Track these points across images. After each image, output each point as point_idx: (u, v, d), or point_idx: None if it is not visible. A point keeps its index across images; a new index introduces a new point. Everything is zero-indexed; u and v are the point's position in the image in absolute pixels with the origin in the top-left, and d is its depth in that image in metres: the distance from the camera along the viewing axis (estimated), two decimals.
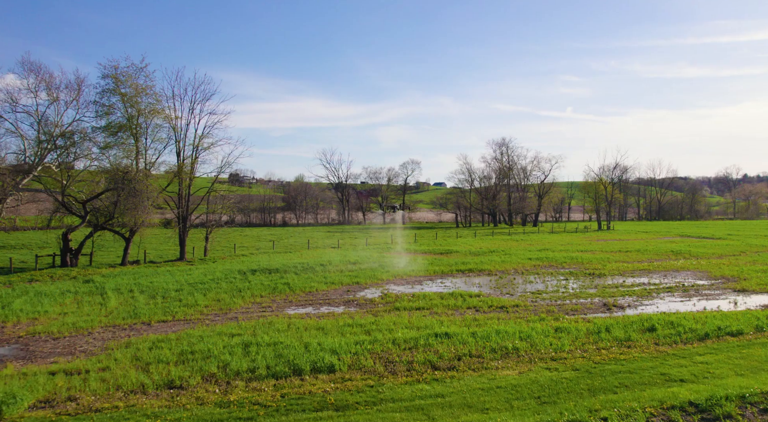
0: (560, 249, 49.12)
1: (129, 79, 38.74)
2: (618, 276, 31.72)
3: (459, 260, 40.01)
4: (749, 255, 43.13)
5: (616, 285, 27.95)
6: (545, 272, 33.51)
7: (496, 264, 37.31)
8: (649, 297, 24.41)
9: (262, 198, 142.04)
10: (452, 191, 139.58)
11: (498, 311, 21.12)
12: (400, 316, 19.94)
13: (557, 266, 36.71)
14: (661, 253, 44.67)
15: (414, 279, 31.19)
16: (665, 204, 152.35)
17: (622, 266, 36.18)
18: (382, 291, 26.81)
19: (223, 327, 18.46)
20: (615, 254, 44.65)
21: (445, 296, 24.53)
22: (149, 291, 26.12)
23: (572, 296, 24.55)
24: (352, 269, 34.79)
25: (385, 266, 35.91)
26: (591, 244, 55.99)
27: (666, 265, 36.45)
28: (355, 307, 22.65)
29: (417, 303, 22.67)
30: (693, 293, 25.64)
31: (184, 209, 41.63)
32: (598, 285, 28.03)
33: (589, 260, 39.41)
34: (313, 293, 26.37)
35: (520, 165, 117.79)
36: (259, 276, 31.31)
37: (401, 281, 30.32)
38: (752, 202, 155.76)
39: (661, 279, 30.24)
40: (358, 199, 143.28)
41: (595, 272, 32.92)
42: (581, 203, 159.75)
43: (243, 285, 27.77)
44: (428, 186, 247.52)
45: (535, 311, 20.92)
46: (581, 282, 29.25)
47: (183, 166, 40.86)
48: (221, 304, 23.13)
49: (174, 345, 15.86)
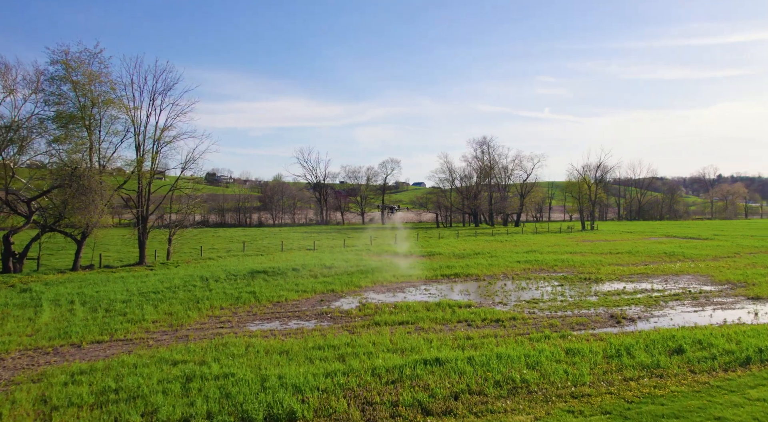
0: (548, 251, 46.70)
1: (81, 65, 35.06)
2: (616, 281, 29.24)
3: (443, 263, 37.23)
4: (744, 257, 41.19)
5: (617, 292, 25.40)
6: (537, 277, 30.88)
7: (483, 268, 34.60)
8: (658, 307, 21.86)
9: (237, 198, 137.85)
10: (432, 190, 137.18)
11: (493, 326, 18.30)
12: (381, 333, 16.98)
13: (548, 270, 34.14)
14: (654, 255, 42.50)
15: (395, 286, 28.26)
16: (645, 204, 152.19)
17: (618, 269, 33.76)
18: (360, 301, 23.82)
19: (167, 350, 15.27)
20: (606, 255, 42.34)
21: (432, 306, 21.64)
22: (92, 303, 22.70)
23: (573, 306, 21.87)
24: (327, 274, 31.72)
25: (364, 271, 32.92)
26: (578, 245, 53.76)
27: (664, 268, 34.14)
28: (328, 321, 19.63)
29: (400, 316, 19.73)
30: (704, 301, 23.17)
31: (144, 208, 38.06)
32: (597, 292, 25.44)
33: (581, 263, 36.96)
34: (281, 303, 23.24)
35: (502, 164, 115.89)
36: (223, 284, 28.05)
37: (381, 289, 27.37)
38: (730, 202, 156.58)
39: (664, 285, 27.83)
40: (336, 199, 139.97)
41: (590, 277, 30.39)
42: (561, 203, 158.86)
43: (203, 295, 24.51)
44: (408, 186, 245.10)
45: (536, 326, 18.14)
46: (578, 289, 26.65)
47: (142, 160, 37.29)
48: (173, 318, 19.87)
49: (98, 378, 12.65)
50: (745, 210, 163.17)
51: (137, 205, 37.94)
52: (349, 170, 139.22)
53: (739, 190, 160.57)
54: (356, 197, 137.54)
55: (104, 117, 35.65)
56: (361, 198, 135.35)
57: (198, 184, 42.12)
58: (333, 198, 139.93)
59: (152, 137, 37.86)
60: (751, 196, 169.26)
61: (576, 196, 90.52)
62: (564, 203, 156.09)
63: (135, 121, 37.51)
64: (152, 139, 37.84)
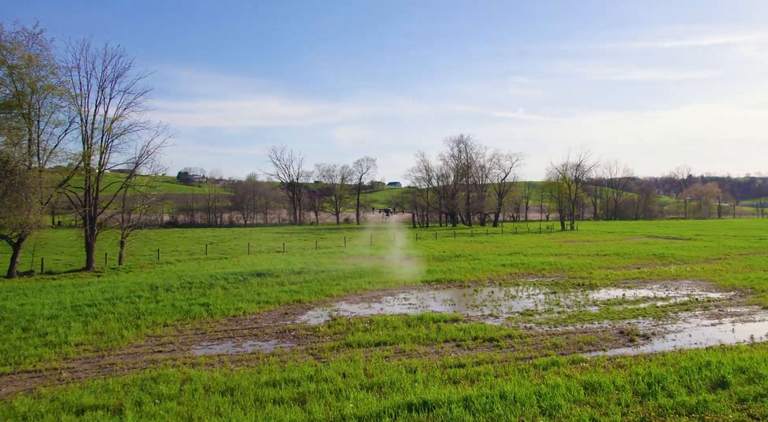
0: (532, 253, 44.20)
1: (18, 47, 31.14)
2: (612, 287, 26.69)
3: (422, 267, 34.30)
4: (737, 259, 39.28)
5: (617, 301, 22.78)
6: (526, 283, 28.16)
7: (467, 272, 31.78)
8: (669, 319, 19.25)
9: (207, 197, 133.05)
10: (409, 190, 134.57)
11: (488, 347, 15.39)
12: (354, 359, 13.91)
13: (537, 275, 31.50)
14: (644, 257, 40.31)
15: (371, 294, 25.20)
16: (621, 204, 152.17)
17: (611, 273, 31.31)
18: (330, 314, 20.70)
19: (78, 388, 11.95)
20: (594, 258, 39.98)
21: (413, 321, 18.64)
22: (10, 319, 19.08)
23: (573, 319, 19.12)
24: (295, 281, 28.50)
25: (336, 277, 29.79)
26: (561, 246, 51.46)
27: (660, 272, 31.79)
28: (291, 341, 16.47)
29: (376, 335, 16.68)
30: (717, 312, 20.66)
31: (92, 208, 34.23)
32: (596, 301, 22.78)
33: (570, 267, 34.45)
34: (238, 318, 19.97)
35: (479, 163, 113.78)
36: (175, 293, 24.61)
37: (355, 298, 24.28)
38: (704, 202, 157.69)
39: (665, 292, 25.36)
40: (310, 198, 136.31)
41: (584, 283, 27.80)
42: (538, 203, 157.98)
43: (147, 308, 21.07)
44: (383, 186, 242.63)
45: (538, 346, 15.29)
46: (574, 297, 23.98)
47: (89, 153, 33.47)
48: (103, 340, 16.47)
49: None
50: (719, 210, 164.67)
51: (84, 204, 34.08)
52: (324, 169, 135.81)
53: (712, 190, 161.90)
54: (331, 197, 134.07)
55: (44, 105, 31.76)
56: (335, 198, 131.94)
57: (153, 182, 38.26)
58: (307, 198, 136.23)
59: (101, 128, 34.05)
60: (724, 196, 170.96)
61: (555, 195, 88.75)
62: (541, 203, 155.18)
63: (81, 110, 33.70)
64: (101, 130, 34.05)
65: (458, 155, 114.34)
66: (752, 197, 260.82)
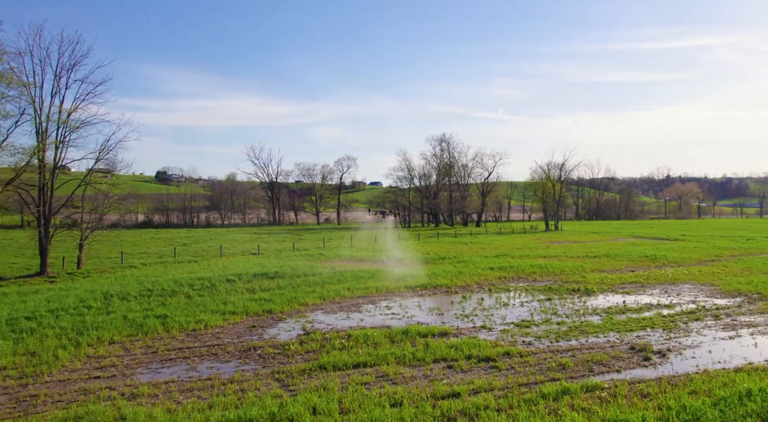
0: (519, 255, 42.32)
1: None
2: (610, 293, 24.84)
3: (405, 270, 32.12)
4: (730, 261, 37.91)
5: (619, 309, 20.87)
6: (517, 289, 26.17)
7: (453, 277, 29.71)
8: (680, 331, 17.36)
9: (183, 197, 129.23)
10: (390, 189, 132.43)
11: (485, 369, 13.26)
12: (328, 387, 11.67)
13: (527, 279, 29.56)
14: (635, 259, 38.69)
15: (350, 302, 22.95)
16: (602, 204, 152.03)
17: (605, 277, 29.49)
18: (303, 326, 18.41)
19: None
20: (584, 260, 38.24)
21: (397, 335, 16.45)
22: None
23: (576, 332, 17.11)
24: (267, 288, 26.13)
25: (313, 282, 27.48)
26: (548, 248, 49.74)
27: (656, 276, 30.07)
28: (255, 363, 14.15)
29: (355, 353, 14.46)
30: (729, 321, 18.83)
31: (46, 207, 31.38)
32: (596, 310, 20.84)
33: (561, 270, 32.59)
34: (198, 333, 17.56)
35: (462, 162, 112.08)
36: (131, 303, 22.06)
37: (332, 307, 22.00)
38: (683, 202, 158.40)
39: (668, 298, 23.56)
40: (290, 198, 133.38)
41: (579, 288, 25.89)
42: (520, 203, 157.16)
43: (94, 321, 18.53)
44: (364, 185, 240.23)
45: (542, 368, 13.21)
46: (571, 304, 22.03)
47: (42, 148, 30.62)
48: (33, 362, 13.96)
49: None
50: (698, 210, 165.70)
51: (37, 203, 31.23)
52: (303, 168, 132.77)
53: (692, 190, 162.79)
54: (311, 197, 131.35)
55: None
56: (316, 197, 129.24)
57: (117, 179, 35.47)
58: (287, 197, 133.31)
59: (56, 120, 31.22)
60: (703, 196, 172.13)
61: (540, 195, 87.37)
62: (523, 203, 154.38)
63: (35, 101, 30.82)
64: (56, 123, 31.22)
65: (440, 154, 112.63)
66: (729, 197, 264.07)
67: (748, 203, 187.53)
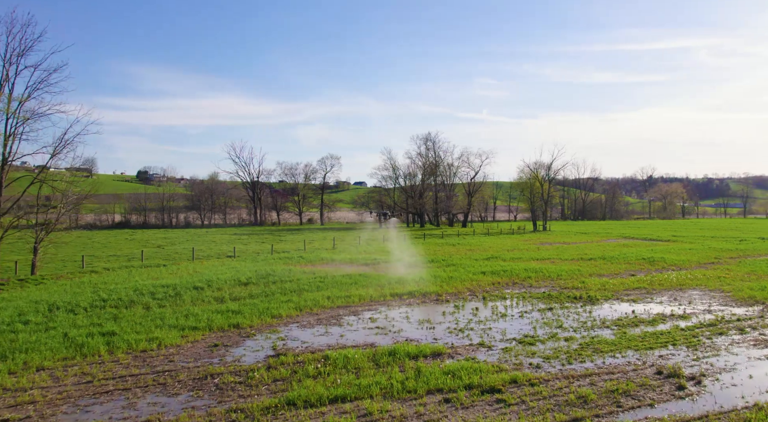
0: (510, 257, 40.13)
1: None
2: (616, 301, 22.67)
3: (391, 276, 29.68)
4: (731, 264, 36.15)
5: (631, 321, 18.67)
6: (514, 296, 23.88)
7: (443, 282, 27.38)
8: (706, 348, 15.17)
9: (161, 197, 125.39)
10: (374, 189, 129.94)
11: (490, 405, 10.88)
12: None
13: (524, 285, 27.32)
14: (633, 262, 36.71)
15: (329, 313, 20.45)
16: (588, 204, 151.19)
17: (606, 282, 27.37)
18: (274, 345, 15.88)
19: None
20: (579, 263, 36.18)
21: (382, 357, 14.01)
22: None
23: (589, 350, 14.83)
24: (238, 296, 23.52)
25: (289, 290, 24.92)
26: (540, 249, 47.66)
27: (660, 281, 28.00)
28: (210, 396, 11.61)
29: (332, 383, 12.00)
30: (757, 336, 16.70)
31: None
32: (605, 321, 18.63)
33: (558, 274, 30.42)
34: (149, 354, 14.93)
35: (447, 161, 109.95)
36: (78, 316, 19.31)
37: (309, 318, 19.50)
38: (668, 202, 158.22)
39: (679, 306, 21.46)
40: (272, 198, 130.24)
41: (581, 295, 23.68)
42: (505, 203, 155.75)
43: (28, 340, 15.80)
44: (348, 185, 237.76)
45: (559, 403, 10.87)
46: (576, 315, 19.79)
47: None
48: None
49: None
50: (682, 210, 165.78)
51: None
52: (286, 167, 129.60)
53: (677, 190, 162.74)
54: (295, 197, 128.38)
55: None
56: (299, 197, 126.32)
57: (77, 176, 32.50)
58: (269, 197, 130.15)
59: (5, 110, 28.23)
60: (690, 196, 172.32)
61: (527, 195, 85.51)
62: (509, 203, 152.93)
63: None
64: (5, 113, 28.23)
65: (426, 153, 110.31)
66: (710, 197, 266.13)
67: (731, 204, 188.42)
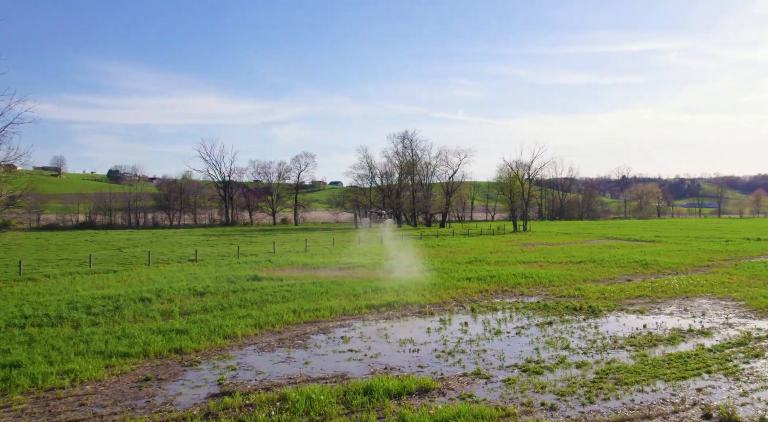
0: (495, 261, 37.49)
1: None
2: (621, 313, 20.07)
3: (366, 283, 26.67)
4: (727, 267, 34.17)
5: (646, 339, 16.03)
6: (506, 307, 21.13)
7: (425, 290, 24.54)
8: (747, 376, 12.56)
9: (127, 196, 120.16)
10: (351, 188, 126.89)
11: None
12: None
13: (514, 293, 24.61)
14: (625, 265, 34.39)
15: (294, 332, 17.37)
16: (565, 204, 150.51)
17: (605, 290, 24.81)
18: (221, 377, 12.73)
19: None
20: (569, 266, 33.74)
21: (355, 398, 11.01)
22: None
23: (610, 382, 12.06)
24: (189, 310, 20.26)
25: (249, 302, 21.73)
26: (524, 252, 45.20)
27: (662, 287, 25.54)
28: None
29: None
30: None
31: None
32: (617, 339, 15.95)
33: (549, 280, 27.83)
34: (56, 394, 11.65)
35: (425, 160, 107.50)
36: None
37: (270, 338, 16.39)
38: (644, 202, 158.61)
39: (693, 319, 18.96)
40: (245, 197, 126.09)
41: (580, 306, 21.03)
42: (483, 203, 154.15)
43: None
44: (325, 185, 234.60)
45: None
46: (581, 331, 17.09)
47: None
48: None
49: None
50: (658, 210, 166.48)
51: None
52: (259, 166, 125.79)
53: (653, 190, 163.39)
54: (269, 196, 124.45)
55: None
56: (273, 197, 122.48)
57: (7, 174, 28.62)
58: (242, 197, 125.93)
59: None
60: (665, 196, 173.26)
61: (507, 195, 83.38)
62: (486, 203, 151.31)
63: None
64: None
65: (403, 152, 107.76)
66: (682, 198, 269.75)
67: (706, 203, 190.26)
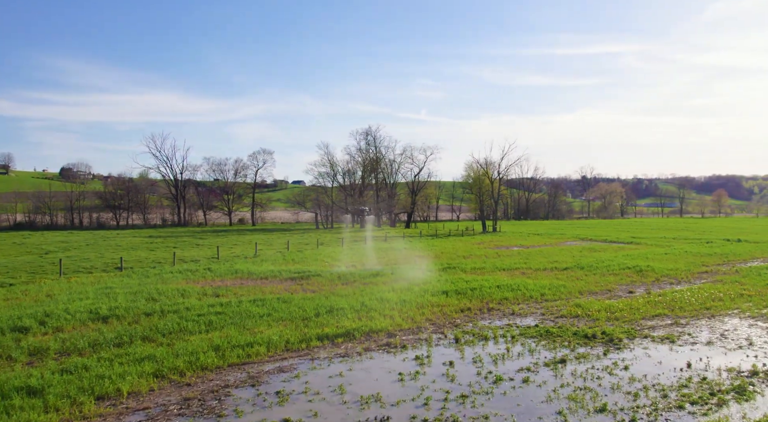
0: (471, 267, 32.88)
1: None
2: (646, 340, 15.61)
3: (322, 300, 21.55)
4: (727, 273, 30.60)
5: (703, 389, 11.57)
6: (498, 332, 16.42)
7: (393, 309, 19.70)
8: None
9: (69, 195, 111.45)
10: (312, 187, 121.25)
11: None
12: None
13: (504, 311, 19.96)
14: (617, 272, 30.30)
15: (210, 384, 12.16)
16: (531, 204, 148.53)
17: (610, 306, 20.39)
18: None
19: None
20: (556, 274, 29.49)
21: None
22: None
23: None
24: (73, 347, 14.79)
25: (163, 330, 16.36)
26: (500, 256, 40.82)
27: (679, 303, 21.22)
28: None
29: None
30: None
31: None
32: (665, 392, 11.41)
33: (540, 293, 23.32)
34: None
35: (389, 158, 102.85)
36: None
37: (168, 399, 11.16)
38: (608, 201, 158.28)
39: (741, 351, 14.66)
40: (199, 196, 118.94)
41: (595, 333, 16.46)
42: (448, 202, 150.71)
43: None
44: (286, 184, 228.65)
45: None
46: (609, 376, 12.52)
47: None
48: None
49: None
50: (621, 210, 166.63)
51: None
52: (213, 163, 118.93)
53: (617, 190, 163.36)
54: (226, 195, 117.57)
55: None
56: (229, 196, 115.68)
57: None
58: (195, 195, 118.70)
59: None
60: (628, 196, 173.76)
61: (476, 193, 79.41)
62: (451, 203, 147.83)
63: None
64: None
65: (366, 149, 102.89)
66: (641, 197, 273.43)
67: (667, 203, 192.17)
